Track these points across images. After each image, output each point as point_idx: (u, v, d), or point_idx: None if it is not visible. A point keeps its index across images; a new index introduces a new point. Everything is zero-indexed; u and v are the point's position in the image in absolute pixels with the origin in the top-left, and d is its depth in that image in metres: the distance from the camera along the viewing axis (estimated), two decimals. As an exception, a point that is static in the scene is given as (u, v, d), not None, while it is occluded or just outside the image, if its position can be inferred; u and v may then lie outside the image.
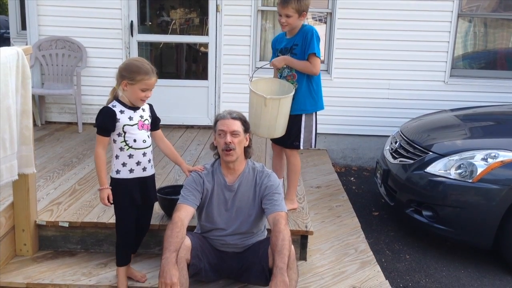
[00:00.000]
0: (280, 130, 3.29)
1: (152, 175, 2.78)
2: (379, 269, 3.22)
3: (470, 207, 3.49)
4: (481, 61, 6.02)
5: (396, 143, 4.26)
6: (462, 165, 3.53)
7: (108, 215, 3.18)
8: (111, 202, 2.66)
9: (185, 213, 2.63)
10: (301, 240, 3.22)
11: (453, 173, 3.55)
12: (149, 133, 2.72)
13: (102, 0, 5.50)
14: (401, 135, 4.29)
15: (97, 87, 5.56)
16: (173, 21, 6.49)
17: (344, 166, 5.91)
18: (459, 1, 5.52)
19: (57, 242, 3.20)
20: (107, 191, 2.64)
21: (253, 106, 3.28)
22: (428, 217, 3.65)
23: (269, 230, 2.89)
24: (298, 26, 3.28)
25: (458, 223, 3.55)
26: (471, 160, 3.51)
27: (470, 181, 3.46)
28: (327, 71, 5.69)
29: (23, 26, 6.48)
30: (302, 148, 3.39)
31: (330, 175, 5.04)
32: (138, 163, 2.66)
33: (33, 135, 2.91)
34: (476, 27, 5.87)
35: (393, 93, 5.69)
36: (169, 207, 3.10)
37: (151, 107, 2.78)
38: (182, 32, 6.39)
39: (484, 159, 3.48)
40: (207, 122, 5.83)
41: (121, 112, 2.59)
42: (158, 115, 2.82)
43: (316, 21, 6.09)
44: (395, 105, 5.70)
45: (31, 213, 3.07)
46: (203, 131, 5.74)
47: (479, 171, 3.44)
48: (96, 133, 2.60)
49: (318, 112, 3.43)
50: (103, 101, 2.75)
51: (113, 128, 2.59)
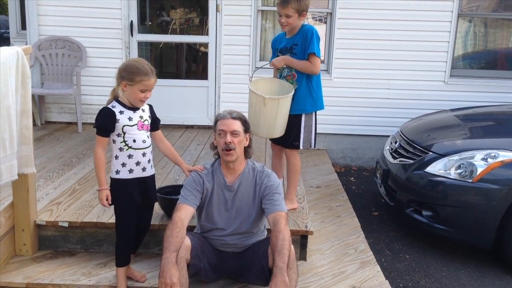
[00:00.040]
0: (279, 130, 3.29)
1: (152, 175, 2.78)
2: (379, 269, 3.23)
3: (470, 207, 3.49)
4: (481, 61, 6.02)
5: (396, 143, 4.25)
6: (462, 165, 3.53)
7: (108, 215, 3.18)
8: (110, 203, 2.66)
9: (185, 213, 2.63)
10: (301, 240, 3.22)
11: (453, 173, 3.55)
12: (148, 133, 2.72)
13: (102, 0, 5.49)
14: (401, 135, 4.29)
15: (97, 87, 5.56)
16: (173, 21, 6.48)
17: (344, 166, 5.91)
18: (459, 1, 5.52)
19: (56, 242, 3.20)
20: (106, 192, 2.64)
21: (252, 106, 3.27)
22: (428, 217, 3.65)
23: (269, 230, 2.89)
24: (298, 26, 3.28)
25: (458, 223, 3.55)
26: (471, 160, 3.51)
27: (470, 181, 3.46)
28: (327, 71, 5.69)
29: (23, 26, 6.48)
30: (301, 148, 3.38)
31: (330, 175, 5.04)
32: (138, 163, 2.66)
33: (33, 135, 2.91)
34: (476, 27, 5.86)
35: (393, 93, 5.69)
36: (169, 207, 3.10)
37: (151, 107, 2.77)
38: (182, 32, 6.39)
39: (484, 159, 3.48)
40: (207, 122, 5.83)
41: (121, 112, 2.59)
42: (158, 115, 2.82)
43: (316, 21, 6.09)
44: (395, 105, 5.70)
45: (30, 213, 3.07)
46: (203, 131, 5.74)
47: (479, 171, 3.44)
48: (95, 134, 2.60)
49: (318, 112, 3.43)
50: (103, 101, 2.75)
51: (112, 129, 2.59)
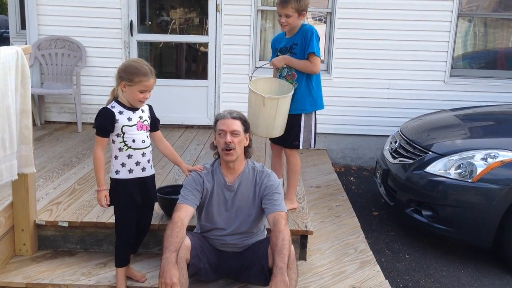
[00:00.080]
0: (278, 130, 3.29)
1: (152, 175, 2.78)
2: (379, 269, 3.22)
3: (470, 207, 3.49)
4: (481, 61, 6.02)
5: (396, 143, 4.25)
6: (462, 165, 3.53)
7: (108, 215, 3.18)
8: (108, 203, 2.66)
9: (185, 213, 2.63)
10: (300, 240, 3.21)
11: (453, 173, 3.55)
12: (148, 133, 2.71)
13: (101, 0, 5.49)
14: (401, 135, 4.29)
15: (96, 86, 5.56)
16: (173, 21, 6.48)
17: (343, 166, 5.91)
18: (459, 1, 5.51)
19: (56, 241, 3.20)
20: (104, 193, 2.64)
21: (251, 105, 3.27)
22: (428, 217, 3.65)
23: (268, 230, 2.89)
24: (298, 25, 3.28)
25: (458, 223, 3.55)
26: (471, 160, 3.51)
27: (470, 181, 3.46)
28: (327, 70, 5.69)
29: (23, 26, 6.48)
30: (301, 147, 3.38)
31: (330, 175, 5.03)
32: (137, 163, 2.66)
33: (33, 135, 2.90)
34: (476, 27, 5.86)
35: (393, 93, 5.69)
36: (168, 206, 3.09)
37: (150, 108, 2.77)
38: (182, 32, 6.39)
39: (484, 159, 3.48)
40: (206, 122, 5.83)
41: (120, 112, 2.59)
42: (158, 115, 2.82)
43: (316, 20, 6.09)
44: (395, 105, 5.70)
45: (30, 212, 3.07)
46: (202, 130, 5.73)
47: (479, 171, 3.44)
48: (95, 134, 2.60)
49: (318, 112, 3.43)
50: (102, 100, 2.75)
51: (112, 129, 2.58)
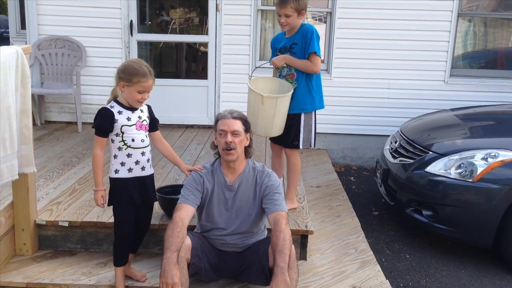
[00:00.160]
0: (277, 129, 3.29)
1: (151, 175, 2.78)
2: (379, 268, 3.22)
3: (470, 206, 3.49)
4: (481, 60, 6.02)
5: (396, 142, 4.25)
6: (462, 165, 3.53)
7: (108, 214, 3.17)
8: (105, 204, 2.67)
9: (186, 212, 2.63)
10: (301, 239, 3.21)
11: (453, 173, 3.55)
12: (147, 133, 2.71)
13: (101, 0, 5.49)
14: (401, 135, 4.29)
15: (96, 86, 5.56)
16: (173, 21, 6.48)
17: (344, 165, 5.91)
18: (459, 0, 5.51)
19: (56, 241, 3.20)
20: (101, 193, 2.65)
21: (250, 104, 3.27)
22: (428, 216, 3.65)
23: (269, 230, 2.88)
24: (297, 25, 3.28)
25: (458, 223, 3.55)
26: (471, 160, 3.51)
27: (470, 180, 3.46)
28: (327, 70, 5.69)
29: (23, 26, 6.47)
30: (301, 147, 3.38)
31: (330, 174, 5.03)
32: (137, 162, 2.66)
33: (33, 135, 2.90)
34: (476, 26, 5.86)
35: (393, 93, 5.69)
36: (169, 206, 3.09)
37: (149, 108, 2.77)
38: (182, 32, 6.39)
39: (484, 158, 3.48)
40: (207, 122, 5.83)
41: (119, 112, 2.59)
42: (158, 114, 2.82)
43: (316, 20, 6.09)
44: (395, 105, 5.70)
45: (30, 212, 3.07)
46: (202, 130, 5.73)
47: (479, 170, 3.44)
48: (94, 134, 2.60)
49: (318, 112, 3.42)
50: (102, 100, 2.75)
51: (111, 129, 2.58)
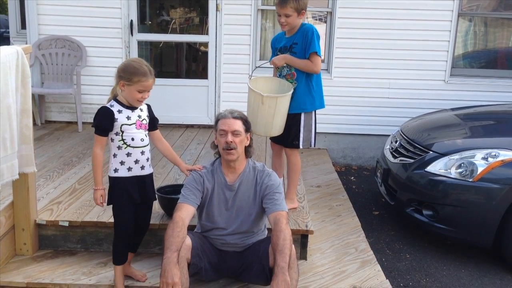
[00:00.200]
0: (277, 129, 3.29)
1: (151, 174, 2.78)
2: (380, 268, 3.22)
3: (471, 206, 3.49)
4: (481, 60, 6.02)
5: (396, 142, 4.25)
6: (462, 164, 3.53)
7: (108, 214, 3.17)
8: (104, 203, 2.67)
9: (186, 212, 2.63)
10: (301, 239, 3.21)
11: (453, 172, 3.54)
12: (146, 132, 2.72)
13: (102, 0, 5.48)
14: (401, 134, 4.29)
15: (97, 86, 5.56)
16: (173, 20, 6.48)
17: (344, 165, 5.91)
18: (459, 0, 5.51)
19: (57, 241, 3.20)
20: (101, 192, 2.66)
21: (250, 104, 3.27)
22: (429, 216, 3.65)
23: (269, 230, 2.88)
24: (297, 25, 3.28)
25: (459, 222, 3.55)
26: (471, 159, 3.51)
27: (470, 180, 3.46)
28: (327, 70, 5.68)
29: (23, 25, 6.47)
30: (301, 147, 3.38)
31: (330, 174, 5.03)
32: (137, 161, 2.66)
33: (33, 134, 2.90)
34: (476, 26, 5.86)
35: (394, 92, 5.69)
36: (169, 206, 3.09)
37: (149, 107, 2.77)
38: (182, 31, 6.38)
39: (485, 158, 3.48)
40: (207, 122, 5.83)
41: (119, 111, 2.59)
42: (158, 114, 2.82)
43: (316, 20, 6.08)
44: (395, 105, 5.70)
45: (31, 212, 3.07)
46: (203, 130, 5.73)
47: (480, 170, 3.44)
48: (94, 133, 2.60)
49: (318, 111, 3.42)
50: (103, 100, 2.75)
51: (111, 128, 2.59)
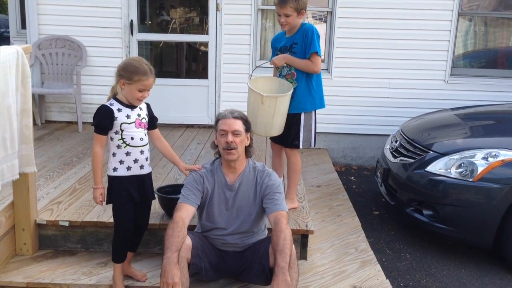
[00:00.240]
0: (277, 129, 3.29)
1: (149, 173, 2.78)
2: (380, 268, 3.22)
3: (471, 206, 3.49)
4: (481, 60, 6.01)
5: (396, 142, 4.25)
6: (462, 164, 3.53)
7: (108, 214, 3.17)
8: (104, 201, 2.67)
9: (186, 212, 2.63)
10: (301, 239, 3.21)
11: (453, 172, 3.54)
12: (146, 131, 2.72)
13: (102, -1, 5.50)
14: (401, 134, 4.29)
15: (97, 86, 5.55)
16: (173, 20, 6.48)
17: (344, 165, 5.90)
18: (459, 0, 5.51)
19: (57, 241, 3.20)
20: (101, 191, 2.66)
21: (250, 103, 3.27)
22: (429, 216, 3.65)
23: (269, 229, 2.88)
24: (297, 24, 3.28)
25: (459, 222, 3.55)
26: (471, 159, 3.51)
27: (470, 180, 3.46)
28: (327, 70, 5.68)
29: (23, 25, 6.48)
30: (301, 147, 3.38)
31: (331, 174, 5.03)
32: (136, 160, 2.66)
33: (33, 134, 2.90)
34: (477, 26, 5.86)
35: (394, 92, 5.69)
36: (169, 206, 3.09)
37: (148, 106, 2.78)
38: (182, 31, 6.38)
39: (485, 158, 3.48)
40: (207, 121, 5.83)
41: (119, 110, 2.59)
42: (158, 114, 2.82)
43: (316, 20, 6.08)
44: (395, 104, 5.69)
45: (31, 212, 3.07)
46: (203, 130, 5.73)
47: (480, 170, 3.44)
48: (93, 132, 2.60)
49: (318, 111, 3.42)
50: (103, 100, 2.75)
51: (110, 126, 2.59)
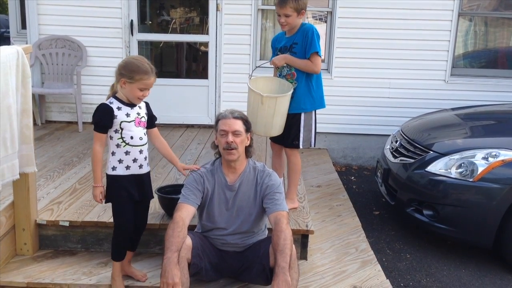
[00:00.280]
0: (277, 129, 3.29)
1: (148, 173, 2.78)
2: (380, 268, 3.22)
3: (471, 206, 3.49)
4: (481, 60, 6.01)
5: (396, 142, 4.25)
6: (463, 164, 3.53)
7: (109, 214, 3.16)
8: (104, 200, 2.68)
9: (186, 212, 2.63)
10: (301, 239, 3.21)
11: (453, 172, 3.54)
12: (145, 130, 2.72)
13: (102, 0, 5.51)
14: (401, 134, 4.29)
15: (97, 86, 5.55)
16: (173, 20, 6.48)
17: (344, 165, 5.90)
18: (459, 0, 5.51)
19: (57, 241, 3.20)
20: (100, 189, 2.66)
21: (250, 103, 3.27)
22: (429, 216, 3.65)
23: (270, 229, 2.89)
24: (297, 24, 3.28)
25: (459, 222, 3.55)
26: (472, 159, 3.51)
27: (471, 180, 3.46)
28: (327, 70, 5.68)
29: (23, 25, 6.47)
30: (301, 147, 3.38)
31: (331, 174, 5.03)
32: (135, 160, 2.66)
33: (33, 134, 2.90)
34: (477, 26, 5.86)
35: (394, 92, 5.69)
36: (169, 206, 3.09)
37: (147, 104, 2.78)
38: (182, 31, 6.38)
39: (485, 158, 3.48)
40: (207, 121, 5.83)
41: (119, 108, 2.59)
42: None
43: (317, 20, 6.08)
44: (395, 104, 5.69)
45: (31, 212, 3.07)
46: (203, 130, 5.73)
47: (480, 170, 3.44)
48: (93, 130, 2.61)
49: (318, 111, 3.42)
50: (103, 100, 2.74)
51: (110, 125, 2.59)
